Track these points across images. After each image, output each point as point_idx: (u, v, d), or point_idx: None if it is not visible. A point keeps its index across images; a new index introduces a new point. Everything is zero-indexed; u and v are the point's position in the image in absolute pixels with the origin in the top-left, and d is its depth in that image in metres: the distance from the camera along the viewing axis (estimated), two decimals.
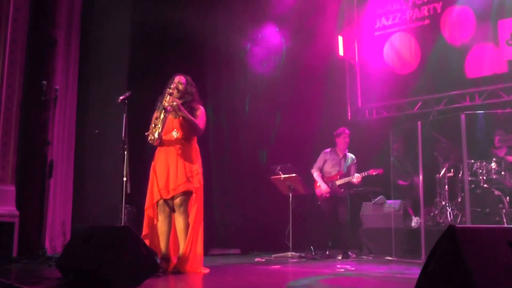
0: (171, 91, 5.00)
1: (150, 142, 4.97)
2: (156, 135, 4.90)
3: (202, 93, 5.43)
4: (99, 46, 8.13)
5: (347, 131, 7.69)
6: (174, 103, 4.91)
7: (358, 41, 10.10)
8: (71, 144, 7.67)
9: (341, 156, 7.66)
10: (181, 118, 4.99)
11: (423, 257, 6.41)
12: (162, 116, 4.93)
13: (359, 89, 9.97)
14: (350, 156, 7.72)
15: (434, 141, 7.86)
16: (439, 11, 9.06)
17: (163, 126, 4.93)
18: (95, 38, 8.11)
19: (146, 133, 4.97)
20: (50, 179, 6.30)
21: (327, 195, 7.48)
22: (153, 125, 4.95)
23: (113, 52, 8.13)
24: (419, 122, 7.08)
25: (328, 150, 7.75)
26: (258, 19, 9.45)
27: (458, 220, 7.35)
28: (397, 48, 9.56)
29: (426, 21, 9.23)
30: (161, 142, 5.01)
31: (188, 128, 5.02)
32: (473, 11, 8.69)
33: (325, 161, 7.68)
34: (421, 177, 7.03)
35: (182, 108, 4.97)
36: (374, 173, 7.31)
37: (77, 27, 7.81)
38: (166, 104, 4.92)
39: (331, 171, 7.61)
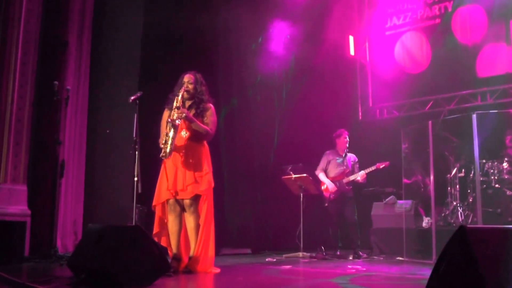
0: (178, 104, 4.91)
1: (162, 157, 4.89)
2: (168, 151, 4.82)
3: (212, 93, 5.43)
4: (110, 47, 8.17)
5: (345, 132, 7.76)
6: (183, 115, 4.88)
7: (369, 41, 10.07)
8: (83, 144, 7.72)
9: (342, 155, 7.69)
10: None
11: (434, 257, 6.37)
12: (172, 133, 4.85)
13: (370, 88, 9.95)
14: (352, 156, 7.74)
15: (445, 140, 7.81)
16: (450, 10, 9.01)
17: (174, 142, 4.86)
18: (106, 38, 8.15)
19: (160, 146, 4.89)
20: (61, 179, 6.35)
21: (334, 195, 7.48)
22: (163, 141, 4.86)
23: (124, 52, 8.16)
24: (430, 122, 7.04)
25: (329, 151, 7.80)
26: (268, 19, 9.44)
27: (469, 221, 7.30)
28: (408, 47, 9.52)
29: (437, 20, 9.18)
30: None
31: (198, 132, 5.02)
32: (484, 10, 8.64)
33: (328, 162, 7.71)
34: (432, 177, 6.99)
35: (192, 118, 4.95)
36: (381, 166, 7.31)
37: (88, 28, 7.86)
38: (175, 118, 4.84)
39: (336, 170, 7.62)
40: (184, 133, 5.01)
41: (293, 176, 7.77)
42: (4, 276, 4.47)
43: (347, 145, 7.71)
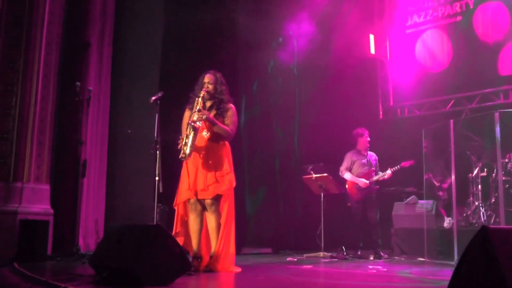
0: (198, 106, 4.95)
1: (181, 159, 4.91)
2: (187, 152, 4.84)
3: (233, 92, 5.44)
4: (131, 47, 8.24)
5: (367, 131, 7.75)
6: (204, 117, 4.91)
7: (390, 39, 9.99)
8: (104, 144, 7.80)
9: (365, 155, 7.66)
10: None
11: (456, 258, 6.31)
12: (192, 134, 4.87)
13: (391, 87, 9.86)
14: (373, 154, 7.74)
15: (467, 140, 7.73)
16: (471, 7, 8.89)
17: (194, 143, 4.88)
18: (127, 39, 8.22)
19: (178, 147, 4.91)
20: (83, 178, 6.41)
21: (361, 194, 7.45)
22: (183, 143, 4.87)
23: (145, 52, 8.22)
24: (451, 121, 6.97)
25: (351, 151, 7.78)
26: (289, 18, 9.44)
27: (492, 221, 7.20)
28: (429, 45, 9.42)
29: (459, 18, 9.07)
30: None
31: (219, 133, 5.04)
32: (507, 7, 8.50)
33: (353, 162, 7.67)
34: (453, 176, 6.93)
35: (213, 119, 4.97)
36: (407, 165, 7.30)
37: (110, 29, 7.94)
38: (195, 119, 4.88)
39: (362, 170, 7.59)
40: (205, 134, 5.04)
41: (314, 175, 7.75)
42: (27, 273, 4.55)
43: (369, 144, 7.69)
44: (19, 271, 4.85)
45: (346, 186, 7.67)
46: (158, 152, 5.13)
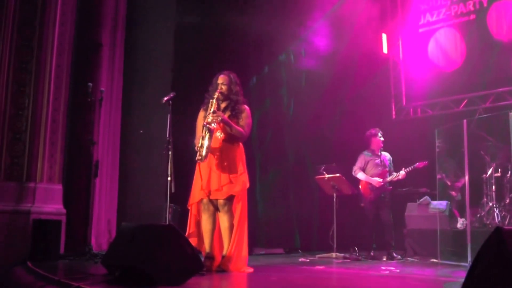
0: (213, 108, 4.95)
1: (198, 160, 4.92)
2: (204, 154, 4.84)
3: (246, 92, 5.43)
4: (143, 48, 8.26)
5: (380, 131, 7.70)
6: (219, 118, 4.91)
7: (402, 39, 9.92)
8: (116, 144, 7.83)
9: (379, 155, 7.62)
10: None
11: (469, 259, 6.25)
12: (207, 136, 4.88)
13: (403, 87, 9.80)
14: (387, 154, 7.69)
15: (481, 139, 7.66)
16: (485, 5, 8.80)
17: (210, 145, 4.88)
18: (139, 39, 8.25)
19: (196, 149, 4.92)
20: (95, 178, 6.44)
21: (375, 195, 7.41)
22: (199, 144, 4.87)
23: (158, 53, 8.24)
24: (464, 121, 6.91)
25: (365, 151, 7.74)
26: (302, 18, 9.41)
27: (506, 222, 7.14)
28: (442, 44, 9.35)
29: (472, 16, 8.99)
30: None
31: (233, 134, 5.04)
32: None
33: (366, 162, 7.63)
34: (467, 177, 6.85)
35: (228, 120, 4.97)
36: (421, 166, 7.27)
37: (121, 30, 7.97)
38: (210, 121, 4.88)
39: (376, 171, 7.55)
40: (219, 134, 5.03)
41: (326, 176, 7.72)
42: (40, 272, 4.57)
43: (382, 144, 7.65)
44: (33, 270, 4.89)
45: (359, 186, 7.64)
46: (170, 152, 5.13)
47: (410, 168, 7.39)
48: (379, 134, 7.66)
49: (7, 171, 6.33)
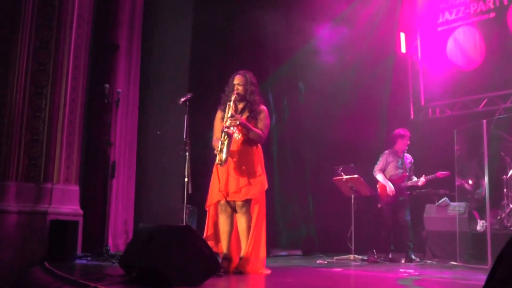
0: (231, 111, 4.92)
1: (218, 164, 4.90)
2: (223, 158, 4.83)
3: (264, 92, 5.39)
4: (160, 49, 8.27)
5: (408, 133, 7.58)
6: (238, 122, 4.89)
7: (421, 37, 9.81)
8: (133, 145, 7.85)
9: (401, 156, 7.52)
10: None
11: (490, 262, 6.14)
12: (226, 141, 4.86)
13: (422, 87, 9.69)
14: (409, 156, 7.59)
15: (501, 140, 7.54)
16: (505, 3, 8.65)
17: (229, 149, 4.87)
18: (156, 40, 8.26)
19: (215, 152, 4.91)
20: (112, 179, 6.45)
21: (391, 199, 7.33)
22: (219, 149, 4.86)
23: (174, 54, 8.24)
24: (484, 121, 6.80)
25: (388, 151, 7.62)
26: (318, 16, 9.34)
27: None
28: (461, 43, 9.22)
29: (492, 14, 8.84)
30: None
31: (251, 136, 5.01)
32: None
33: (388, 163, 7.53)
34: (486, 178, 6.75)
35: (246, 124, 4.93)
36: (442, 176, 7.18)
37: (138, 31, 7.99)
38: (228, 125, 4.87)
39: (395, 173, 7.46)
40: (237, 135, 5.00)
41: (344, 177, 7.65)
42: (58, 273, 4.58)
43: (407, 147, 7.55)
44: (50, 271, 4.91)
45: (377, 187, 7.55)
46: (187, 153, 5.12)
47: (430, 176, 7.28)
48: (407, 137, 7.52)
49: (25, 172, 6.36)
